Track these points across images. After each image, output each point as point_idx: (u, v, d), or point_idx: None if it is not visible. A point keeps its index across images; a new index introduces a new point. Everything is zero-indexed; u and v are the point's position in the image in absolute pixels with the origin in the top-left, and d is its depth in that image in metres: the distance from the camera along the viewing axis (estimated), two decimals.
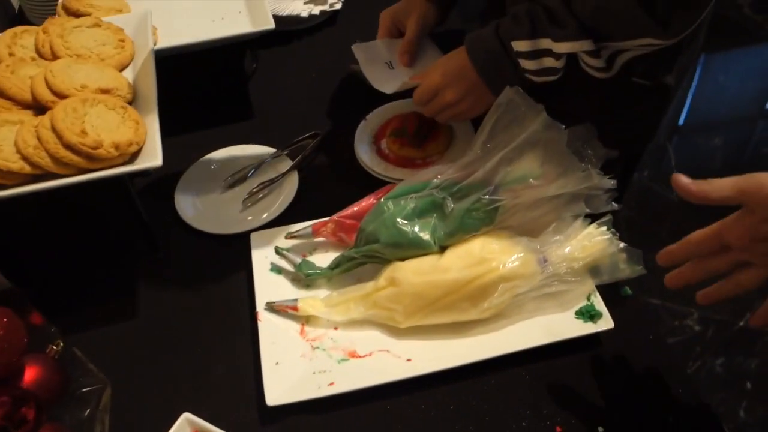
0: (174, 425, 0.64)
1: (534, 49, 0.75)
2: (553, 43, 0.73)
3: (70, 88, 0.74)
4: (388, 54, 0.97)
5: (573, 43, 0.72)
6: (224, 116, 1.06)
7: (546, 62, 0.76)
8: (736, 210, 0.58)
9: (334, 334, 0.75)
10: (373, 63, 0.96)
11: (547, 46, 0.74)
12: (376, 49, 0.98)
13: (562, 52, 0.74)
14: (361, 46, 0.98)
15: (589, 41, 0.72)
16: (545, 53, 0.75)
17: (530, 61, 0.76)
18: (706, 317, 1.74)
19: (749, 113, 2.42)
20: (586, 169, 0.73)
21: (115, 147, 0.69)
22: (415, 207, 0.76)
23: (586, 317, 0.73)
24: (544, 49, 0.75)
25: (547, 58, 0.75)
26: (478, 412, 0.69)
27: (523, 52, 0.76)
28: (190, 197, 0.91)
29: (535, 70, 0.77)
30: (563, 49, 0.73)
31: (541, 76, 0.77)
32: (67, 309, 0.79)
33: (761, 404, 1.56)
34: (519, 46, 0.75)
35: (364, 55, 0.97)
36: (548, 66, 0.76)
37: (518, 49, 0.76)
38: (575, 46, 0.73)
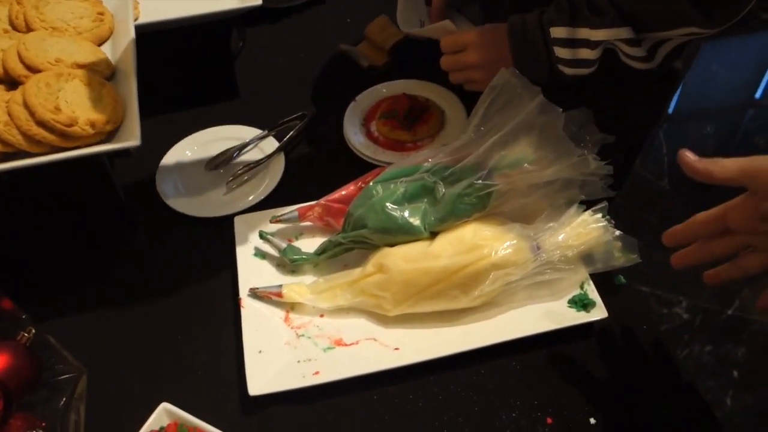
0: (151, 416, 0.62)
1: (571, 37, 0.74)
2: (591, 31, 0.72)
3: (44, 62, 0.71)
4: (423, 13, 0.95)
5: (611, 30, 0.71)
6: (209, 96, 1.03)
7: (581, 53, 0.74)
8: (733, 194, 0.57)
9: (320, 322, 0.73)
10: (410, 12, 0.94)
11: (585, 36, 0.73)
12: (417, 3, 0.95)
13: (600, 39, 0.72)
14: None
15: (627, 29, 0.70)
16: (582, 44, 0.73)
17: (565, 49, 0.75)
18: (695, 305, 1.74)
19: (741, 102, 2.42)
20: (582, 154, 0.71)
21: (90, 125, 0.66)
22: (405, 191, 0.74)
23: (579, 306, 0.72)
24: (581, 39, 0.73)
25: (583, 50, 0.74)
26: (467, 402, 0.67)
27: (559, 39, 0.74)
28: (172, 179, 0.88)
29: (568, 59, 0.75)
30: (601, 36, 0.71)
31: (574, 67, 0.76)
32: (41, 295, 0.76)
33: (748, 392, 1.57)
34: (556, 33, 0.74)
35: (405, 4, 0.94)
36: (583, 57, 0.74)
37: (555, 35, 0.74)
38: (612, 33, 0.71)
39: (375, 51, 1.04)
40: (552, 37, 0.74)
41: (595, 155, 0.72)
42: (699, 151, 0.59)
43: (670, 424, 0.66)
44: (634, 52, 0.73)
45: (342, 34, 1.10)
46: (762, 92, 2.44)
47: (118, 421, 0.66)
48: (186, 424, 0.62)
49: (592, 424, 0.66)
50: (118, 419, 0.66)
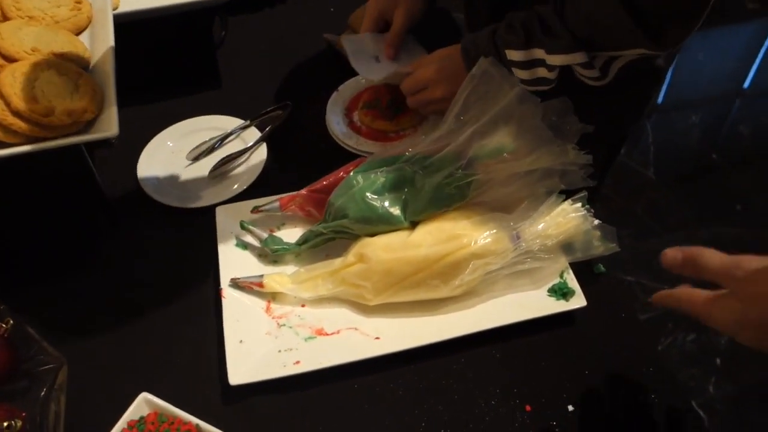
0: (131, 406, 0.62)
1: (527, 59, 0.74)
2: (547, 54, 0.72)
3: (20, 51, 0.70)
4: (375, 48, 0.95)
5: (566, 55, 0.72)
6: (191, 85, 1.02)
7: (539, 72, 0.75)
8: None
9: (301, 312, 0.73)
10: (361, 54, 0.94)
11: (540, 56, 0.73)
12: (364, 43, 0.96)
13: (555, 65, 0.73)
14: (350, 38, 0.96)
15: (582, 53, 0.71)
16: (538, 63, 0.74)
17: (523, 71, 0.75)
18: None
19: (727, 91, 2.43)
20: (561, 143, 0.71)
21: (67, 114, 0.65)
22: (385, 181, 0.74)
23: (559, 295, 0.72)
24: (537, 59, 0.74)
25: (541, 68, 0.74)
26: (447, 390, 0.68)
27: (516, 62, 0.74)
28: (154, 169, 0.87)
29: (528, 80, 0.76)
30: (557, 62, 0.72)
31: (534, 86, 0.76)
32: (20, 286, 0.75)
33: (729, 380, 1.59)
34: (513, 56, 0.74)
35: (353, 47, 0.94)
36: (541, 76, 0.75)
37: (512, 58, 0.75)
38: (568, 59, 0.72)
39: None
40: (509, 59, 0.75)
41: (574, 145, 0.72)
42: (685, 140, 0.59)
43: (649, 412, 0.66)
44: (588, 74, 0.74)
45: (325, 24, 1.09)
46: (750, 82, 2.46)
47: (98, 411, 0.66)
48: (165, 413, 0.62)
49: (570, 411, 0.66)
50: (99, 409, 0.66)
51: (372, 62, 0.93)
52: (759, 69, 2.49)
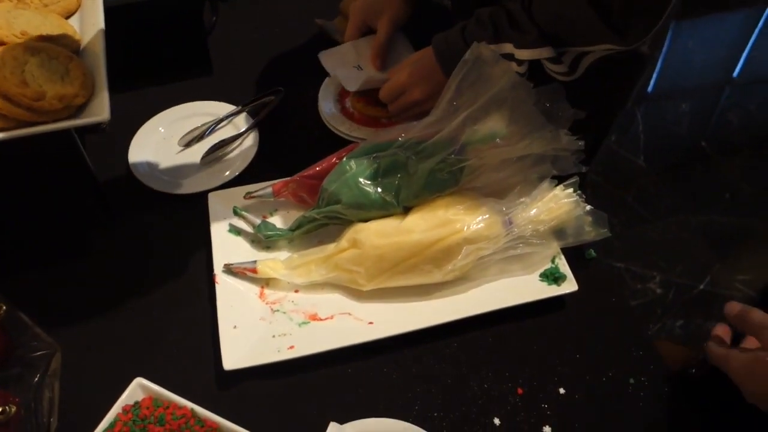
0: (126, 390, 0.62)
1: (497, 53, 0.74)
2: (515, 49, 0.74)
3: (9, 35, 0.69)
4: (355, 57, 0.94)
5: (533, 50, 0.73)
6: (182, 71, 1.01)
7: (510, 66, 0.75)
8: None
9: (295, 297, 0.73)
10: (342, 67, 0.93)
11: (509, 51, 0.74)
12: (344, 54, 0.95)
13: (524, 59, 0.74)
14: (327, 53, 0.95)
15: (549, 48, 0.73)
16: (508, 57, 0.75)
17: None
18: (668, 280, 1.77)
19: (717, 80, 2.44)
20: (553, 129, 0.72)
21: (59, 99, 0.65)
22: (378, 167, 0.74)
23: (551, 280, 0.73)
24: (506, 54, 0.75)
25: (511, 63, 0.75)
26: (440, 374, 0.69)
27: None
28: (145, 155, 0.87)
29: None
30: (524, 56, 0.73)
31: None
32: (14, 272, 0.75)
33: None
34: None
35: (332, 61, 0.93)
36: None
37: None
38: (535, 53, 0.73)
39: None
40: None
41: (566, 130, 0.73)
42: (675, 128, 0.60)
43: (638, 394, 0.67)
44: (556, 69, 0.75)
45: (317, 9, 1.08)
46: (739, 70, 2.47)
47: (92, 396, 0.66)
48: (160, 398, 0.62)
49: (561, 393, 0.67)
50: (93, 395, 0.66)
51: (354, 72, 0.92)
52: (748, 58, 2.50)
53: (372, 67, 0.92)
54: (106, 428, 0.60)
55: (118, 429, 0.60)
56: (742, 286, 1.78)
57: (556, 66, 0.75)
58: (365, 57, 0.93)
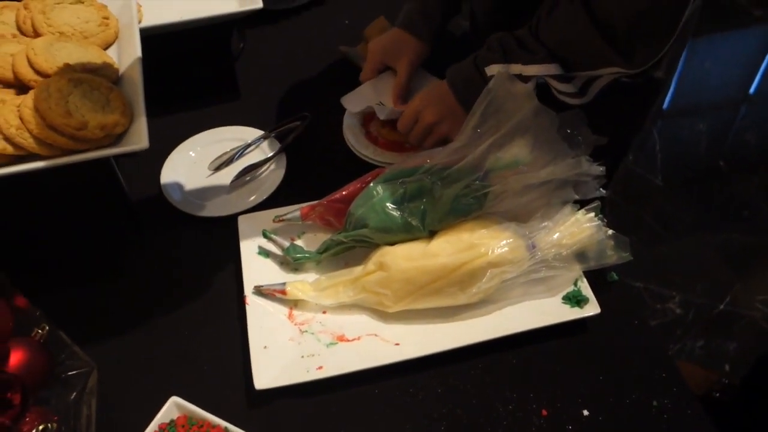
0: (162, 409, 0.64)
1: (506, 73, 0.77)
2: (523, 67, 0.76)
3: (53, 67, 0.72)
4: (375, 95, 0.97)
5: (540, 66, 0.75)
6: (211, 97, 1.05)
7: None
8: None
9: (323, 318, 0.75)
10: (363, 107, 0.95)
11: (518, 71, 0.77)
12: (364, 94, 0.97)
13: (530, 75, 0.76)
14: (348, 97, 0.97)
15: (556, 65, 0.75)
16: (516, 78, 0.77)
17: None
18: (688, 300, 1.77)
19: (733, 98, 2.44)
20: (575, 155, 0.73)
21: (100, 128, 0.68)
22: (404, 192, 0.76)
23: (573, 302, 0.74)
24: (514, 75, 0.77)
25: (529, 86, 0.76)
26: (465, 395, 0.70)
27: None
28: (176, 179, 0.90)
29: None
30: (532, 72, 0.75)
31: None
32: (52, 292, 0.78)
33: None
34: (492, 70, 0.78)
35: (353, 103, 0.96)
36: None
37: (491, 73, 0.78)
38: (543, 69, 0.75)
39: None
40: (488, 75, 0.78)
41: (588, 156, 0.74)
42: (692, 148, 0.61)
43: (662, 417, 0.68)
44: (565, 89, 0.77)
45: (341, 36, 1.12)
46: (755, 88, 2.47)
47: (127, 414, 0.68)
48: (195, 417, 0.64)
49: (585, 415, 0.68)
50: (128, 412, 0.68)
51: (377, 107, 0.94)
52: (765, 75, 2.50)
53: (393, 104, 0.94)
54: None
55: None
56: (762, 306, 1.77)
57: (564, 85, 0.76)
58: (386, 95, 0.96)
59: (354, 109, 0.95)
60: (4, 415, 0.57)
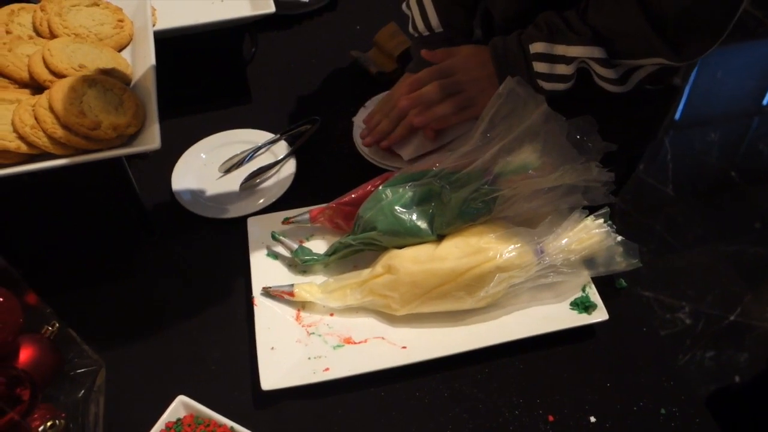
0: (169, 407, 0.64)
1: (549, 52, 0.77)
2: (567, 47, 0.75)
3: (68, 68, 0.73)
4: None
5: (585, 48, 0.74)
6: (222, 100, 1.06)
7: (558, 69, 0.77)
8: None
9: (330, 321, 0.75)
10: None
11: (561, 52, 0.76)
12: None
13: (574, 56, 0.75)
14: (360, 117, 0.96)
15: (601, 49, 0.73)
16: (559, 59, 0.76)
17: (543, 63, 0.78)
18: (697, 310, 1.76)
19: (746, 109, 2.43)
20: (585, 161, 0.73)
21: (113, 128, 0.69)
22: (413, 195, 0.76)
23: (581, 308, 0.74)
24: (558, 56, 0.76)
25: (560, 65, 0.76)
26: (472, 399, 0.70)
27: (538, 54, 0.77)
28: (187, 181, 0.91)
29: (546, 73, 0.78)
30: (575, 53, 0.74)
31: (551, 82, 0.79)
32: (63, 290, 0.79)
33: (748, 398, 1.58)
34: (535, 48, 0.77)
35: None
36: (559, 73, 0.77)
37: (534, 50, 0.77)
38: (587, 51, 0.74)
39: (384, 58, 1.07)
40: (531, 52, 0.78)
41: (597, 162, 0.74)
42: (704, 158, 0.61)
43: (669, 425, 0.68)
44: (606, 74, 0.75)
45: (352, 41, 1.12)
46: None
47: (135, 412, 0.68)
48: (201, 416, 0.65)
49: (592, 422, 0.68)
50: (136, 411, 0.68)
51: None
52: None
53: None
54: None
55: None
56: None
57: (606, 70, 0.75)
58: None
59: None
60: (13, 410, 0.58)
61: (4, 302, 0.61)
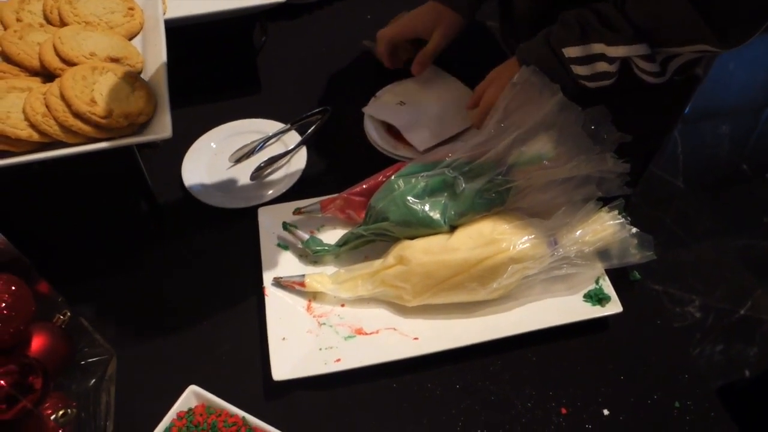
0: (180, 397, 0.64)
1: (586, 54, 0.74)
2: (606, 47, 0.72)
3: (79, 56, 0.73)
4: (394, 96, 0.96)
5: (628, 47, 0.71)
6: (232, 89, 1.05)
7: (599, 67, 0.74)
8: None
9: (341, 311, 0.75)
10: (385, 109, 0.94)
11: (600, 50, 0.73)
12: (384, 101, 0.97)
13: (616, 56, 0.72)
14: (369, 106, 0.96)
15: (644, 45, 0.70)
16: (598, 58, 0.73)
17: (582, 66, 0.75)
18: (707, 305, 1.75)
19: (757, 102, 2.41)
20: (600, 151, 0.72)
21: (124, 117, 0.68)
22: (426, 186, 0.75)
23: (595, 301, 0.73)
24: (596, 54, 0.73)
25: (600, 63, 0.74)
26: (484, 391, 0.69)
27: (575, 58, 0.74)
28: (198, 170, 0.90)
29: (587, 75, 0.75)
30: (618, 53, 0.71)
31: (595, 81, 0.76)
32: (74, 279, 0.79)
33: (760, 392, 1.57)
34: (570, 53, 0.74)
35: (376, 110, 0.95)
36: (601, 71, 0.74)
37: (570, 55, 0.74)
38: (630, 50, 0.71)
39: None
40: (567, 57, 0.74)
41: (612, 153, 0.73)
42: (714, 150, 0.59)
43: (684, 418, 0.67)
44: (648, 68, 0.73)
45: (363, 30, 1.11)
46: None
47: (147, 402, 0.68)
48: (213, 406, 0.65)
49: (605, 415, 0.67)
50: (147, 400, 0.68)
51: (400, 110, 0.94)
52: None
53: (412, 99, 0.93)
54: None
55: None
56: None
57: (648, 64, 0.72)
58: (404, 93, 0.95)
59: (375, 113, 0.95)
60: (25, 398, 0.58)
61: (16, 291, 0.61)
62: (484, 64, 0.88)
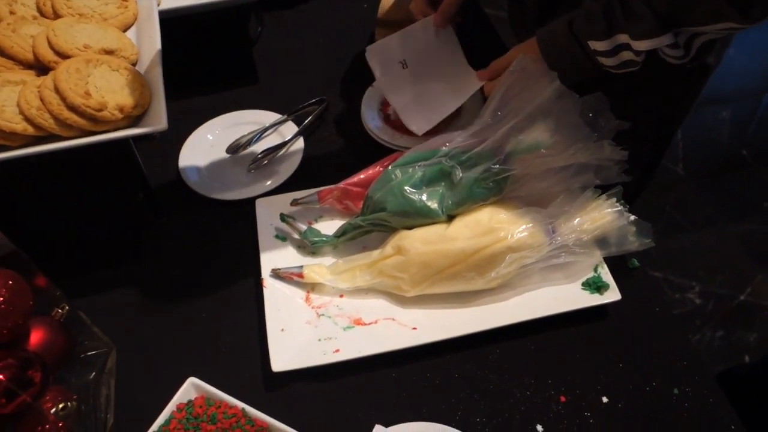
0: (180, 389, 0.64)
1: (612, 47, 0.72)
2: (631, 40, 0.70)
3: (73, 48, 0.72)
4: (401, 52, 0.92)
5: (652, 40, 0.69)
6: (229, 81, 1.04)
7: (624, 56, 0.73)
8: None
9: (340, 302, 0.75)
10: (388, 66, 0.91)
11: (625, 41, 0.71)
12: (389, 48, 0.92)
13: (642, 50, 0.71)
14: (374, 48, 0.91)
15: (668, 35, 0.69)
16: (623, 47, 0.72)
17: (609, 58, 0.73)
18: (707, 291, 1.75)
19: (757, 87, 2.40)
20: (597, 139, 0.72)
21: (119, 109, 0.68)
22: (423, 175, 0.75)
23: (593, 288, 0.73)
24: (621, 44, 0.72)
25: (626, 52, 0.72)
26: (483, 380, 0.69)
27: (601, 51, 0.73)
28: (195, 163, 0.90)
29: (614, 65, 0.74)
30: (643, 47, 0.70)
31: (621, 69, 0.75)
32: (72, 272, 0.79)
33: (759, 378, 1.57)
34: (596, 46, 0.73)
35: (378, 57, 0.91)
36: (627, 59, 0.73)
37: (595, 48, 0.73)
38: (655, 43, 0.70)
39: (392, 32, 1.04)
40: (592, 49, 0.73)
41: (610, 140, 0.73)
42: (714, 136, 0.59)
43: (682, 405, 0.67)
44: (674, 53, 0.72)
45: (359, 19, 1.11)
46: None
47: (145, 394, 0.69)
48: (212, 398, 0.65)
49: (604, 402, 0.68)
50: (147, 393, 0.68)
51: (400, 72, 0.91)
52: None
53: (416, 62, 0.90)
54: (162, 425, 0.63)
55: (173, 426, 0.62)
56: None
57: (674, 51, 0.72)
58: (412, 52, 0.91)
59: (375, 66, 0.91)
60: (25, 392, 0.58)
61: (13, 285, 0.61)
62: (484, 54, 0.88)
